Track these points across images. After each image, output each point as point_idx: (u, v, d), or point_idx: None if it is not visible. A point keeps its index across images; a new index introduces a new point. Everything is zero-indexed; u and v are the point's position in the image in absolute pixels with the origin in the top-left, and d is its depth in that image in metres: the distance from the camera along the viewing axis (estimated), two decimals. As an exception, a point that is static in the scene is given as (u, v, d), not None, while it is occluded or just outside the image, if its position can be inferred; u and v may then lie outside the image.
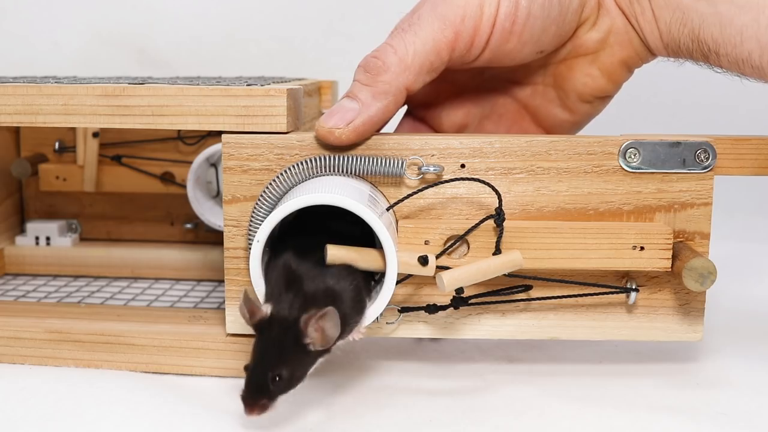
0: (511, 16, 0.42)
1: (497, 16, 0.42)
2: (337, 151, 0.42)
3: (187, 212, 0.61)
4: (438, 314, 0.43)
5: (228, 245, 0.43)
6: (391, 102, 0.41)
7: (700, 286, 0.40)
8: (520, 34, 0.43)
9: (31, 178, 0.62)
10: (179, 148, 0.62)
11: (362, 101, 0.40)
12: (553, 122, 0.49)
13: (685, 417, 0.41)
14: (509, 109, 0.50)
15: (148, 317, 0.49)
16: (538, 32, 0.43)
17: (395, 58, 0.41)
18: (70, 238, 0.62)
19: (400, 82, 0.41)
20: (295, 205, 0.38)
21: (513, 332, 0.44)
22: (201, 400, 0.42)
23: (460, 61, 0.43)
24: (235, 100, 0.42)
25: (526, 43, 0.43)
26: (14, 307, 0.51)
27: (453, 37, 0.42)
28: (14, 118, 0.44)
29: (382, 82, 0.41)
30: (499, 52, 0.43)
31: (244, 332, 0.44)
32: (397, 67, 0.41)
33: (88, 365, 0.45)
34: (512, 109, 0.50)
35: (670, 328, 0.44)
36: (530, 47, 0.44)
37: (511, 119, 0.50)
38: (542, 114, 0.49)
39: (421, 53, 0.41)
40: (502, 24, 0.42)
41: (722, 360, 0.48)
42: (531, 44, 0.44)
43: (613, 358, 0.46)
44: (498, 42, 0.43)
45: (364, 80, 0.41)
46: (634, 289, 0.43)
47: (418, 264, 0.39)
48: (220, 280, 0.58)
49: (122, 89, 0.43)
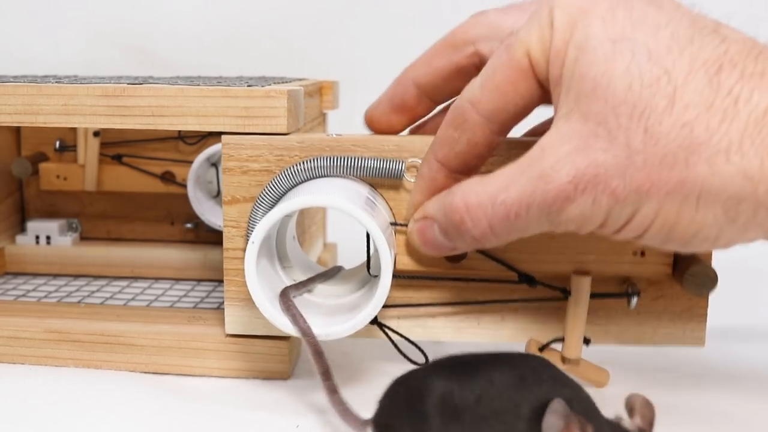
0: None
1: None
2: (336, 152, 0.42)
3: (188, 212, 0.61)
4: (438, 318, 0.43)
5: (227, 246, 0.43)
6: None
7: (702, 292, 0.40)
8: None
9: (31, 177, 0.62)
10: (180, 148, 0.62)
11: (458, 247, 0.39)
12: None
13: (685, 417, 0.41)
14: None
15: (148, 317, 0.48)
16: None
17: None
18: (70, 238, 0.62)
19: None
20: (290, 207, 0.38)
21: (513, 335, 0.44)
22: (200, 400, 0.42)
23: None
24: (236, 101, 0.42)
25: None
26: (14, 306, 0.51)
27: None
28: (14, 118, 0.44)
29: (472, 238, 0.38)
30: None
31: (243, 333, 0.44)
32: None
33: (87, 365, 0.45)
34: None
35: (672, 334, 0.44)
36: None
37: None
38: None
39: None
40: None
41: (722, 360, 0.48)
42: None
43: (612, 359, 0.46)
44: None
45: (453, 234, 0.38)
46: (635, 294, 0.43)
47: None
48: (220, 280, 0.58)
49: (122, 89, 0.43)
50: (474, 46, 0.43)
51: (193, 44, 0.90)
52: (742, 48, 0.32)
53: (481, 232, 0.36)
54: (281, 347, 0.44)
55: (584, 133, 0.33)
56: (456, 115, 0.37)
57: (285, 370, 0.45)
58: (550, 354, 0.43)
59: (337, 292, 0.44)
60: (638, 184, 0.32)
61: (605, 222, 0.33)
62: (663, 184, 0.31)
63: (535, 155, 0.34)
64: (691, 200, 0.31)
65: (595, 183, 0.32)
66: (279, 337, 0.44)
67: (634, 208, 0.32)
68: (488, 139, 0.37)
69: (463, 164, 0.38)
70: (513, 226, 0.35)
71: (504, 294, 0.43)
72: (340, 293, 0.44)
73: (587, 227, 0.34)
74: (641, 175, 0.32)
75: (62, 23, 0.90)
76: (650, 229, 0.33)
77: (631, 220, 0.33)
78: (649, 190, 0.32)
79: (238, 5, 0.91)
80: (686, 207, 0.32)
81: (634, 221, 0.33)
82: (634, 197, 0.32)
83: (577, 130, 0.33)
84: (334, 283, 0.44)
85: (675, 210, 0.32)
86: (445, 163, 0.39)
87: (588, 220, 0.34)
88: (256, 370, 0.45)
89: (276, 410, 0.41)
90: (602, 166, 0.32)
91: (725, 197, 0.31)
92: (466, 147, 0.38)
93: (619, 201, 0.32)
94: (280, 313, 0.39)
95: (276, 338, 0.44)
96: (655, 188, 0.32)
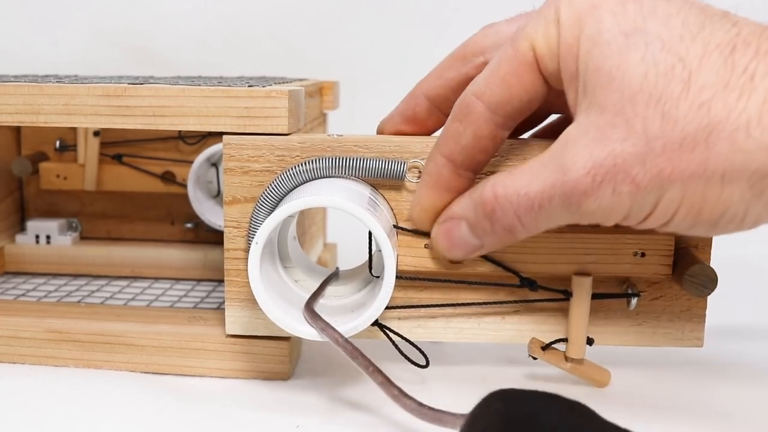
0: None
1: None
2: (338, 153, 0.42)
3: (188, 212, 0.61)
4: (438, 319, 0.43)
5: (228, 246, 0.43)
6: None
7: (702, 293, 0.40)
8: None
9: (31, 176, 0.62)
10: (180, 148, 0.62)
11: (486, 245, 0.39)
12: None
13: (686, 417, 0.41)
14: None
15: (148, 317, 0.48)
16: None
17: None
18: (70, 237, 0.62)
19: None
20: (294, 208, 0.38)
21: (513, 336, 0.44)
22: (200, 400, 0.42)
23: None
24: (237, 102, 0.42)
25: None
26: (14, 306, 0.51)
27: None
28: (15, 118, 0.44)
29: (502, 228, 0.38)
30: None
31: (243, 333, 0.44)
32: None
33: (87, 365, 0.45)
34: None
35: (671, 335, 0.44)
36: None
37: None
38: None
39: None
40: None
41: (722, 360, 0.48)
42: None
43: (612, 359, 0.46)
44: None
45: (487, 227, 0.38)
46: (635, 295, 0.43)
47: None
48: (220, 280, 0.58)
49: (123, 89, 0.43)
50: (483, 57, 0.43)
51: (193, 44, 0.90)
52: (755, 29, 0.32)
53: (510, 223, 0.36)
54: (282, 348, 0.44)
55: (601, 124, 0.33)
56: (461, 108, 0.38)
57: (285, 371, 0.45)
58: (554, 354, 0.43)
59: (339, 293, 0.44)
60: (659, 170, 0.32)
61: (629, 213, 0.33)
62: (685, 166, 0.31)
63: (557, 149, 0.34)
64: (715, 180, 0.31)
65: (614, 173, 0.32)
66: (279, 338, 0.44)
67: (657, 195, 0.32)
68: (493, 133, 0.37)
69: (468, 159, 0.38)
70: (539, 218, 0.35)
71: (505, 295, 0.43)
72: (342, 294, 0.44)
73: (611, 218, 0.34)
74: (662, 160, 0.31)
75: (62, 23, 0.90)
76: (677, 215, 0.33)
77: (655, 209, 0.33)
78: (671, 175, 0.31)
79: (238, 5, 0.91)
80: (711, 187, 0.31)
81: (659, 209, 0.33)
82: (656, 184, 0.32)
83: (594, 123, 0.33)
84: (336, 284, 0.44)
85: (700, 192, 0.32)
86: (451, 158, 0.39)
87: (610, 211, 0.33)
88: (257, 371, 0.45)
89: (276, 410, 0.41)
90: (620, 156, 0.32)
91: (749, 173, 0.31)
92: (471, 141, 0.38)
93: (641, 189, 0.32)
94: (283, 313, 0.39)
95: (276, 339, 0.44)
96: (678, 172, 0.31)
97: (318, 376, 0.46)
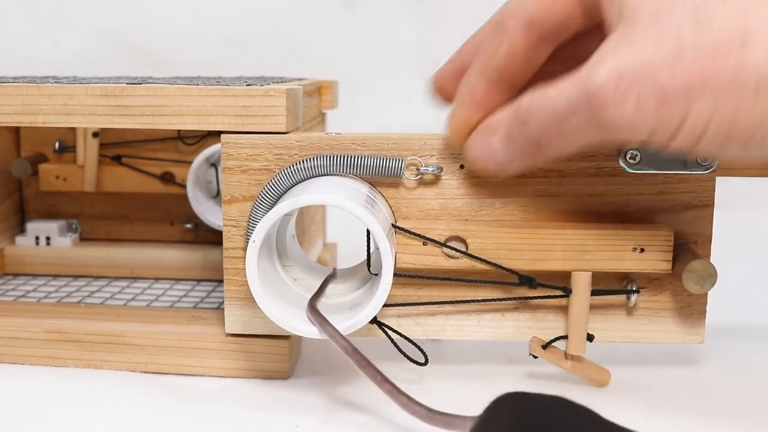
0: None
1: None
2: (336, 151, 0.42)
3: (187, 212, 0.61)
4: (437, 316, 0.43)
5: (227, 245, 0.43)
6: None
7: (701, 288, 0.40)
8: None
9: (31, 177, 0.62)
10: (179, 148, 0.62)
11: (513, 159, 0.38)
12: None
13: (686, 417, 0.41)
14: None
15: (148, 317, 0.48)
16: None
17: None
18: (70, 238, 0.62)
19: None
20: (291, 205, 0.38)
21: (512, 334, 0.44)
22: (200, 400, 0.42)
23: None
24: (235, 101, 0.42)
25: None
26: (14, 306, 0.51)
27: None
28: (14, 118, 0.44)
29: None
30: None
31: (243, 332, 0.44)
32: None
33: (87, 365, 0.45)
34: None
35: (672, 331, 0.44)
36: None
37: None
38: None
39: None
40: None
41: (722, 360, 0.48)
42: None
43: (612, 359, 0.46)
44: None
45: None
46: (635, 291, 0.43)
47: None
48: (219, 280, 0.58)
49: (121, 89, 0.43)
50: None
51: (192, 44, 0.90)
52: None
53: (539, 133, 0.36)
54: (281, 347, 0.44)
55: (631, 36, 0.32)
56: (497, 23, 0.38)
57: (285, 370, 0.45)
58: (554, 353, 0.43)
59: (337, 291, 0.44)
60: (689, 79, 0.30)
61: (656, 126, 0.32)
62: (718, 74, 0.30)
63: (590, 61, 0.33)
64: (749, 90, 0.30)
65: (640, 81, 0.31)
66: (279, 337, 0.44)
67: (685, 107, 0.31)
68: (527, 50, 0.38)
69: (502, 76, 0.38)
70: (565, 131, 0.34)
71: (504, 292, 0.43)
72: (340, 292, 0.44)
73: (637, 133, 0.32)
74: (692, 68, 0.30)
75: (62, 23, 0.90)
76: (708, 129, 0.31)
77: (684, 122, 0.31)
78: (701, 83, 0.30)
79: (237, 5, 0.91)
80: (744, 98, 0.30)
81: (688, 123, 0.31)
82: (685, 93, 0.30)
83: (626, 35, 0.32)
84: (335, 282, 0.44)
85: (733, 103, 0.30)
86: (485, 74, 0.38)
87: (635, 124, 0.32)
88: (256, 370, 0.45)
89: (276, 410, 0.41)
90: (648, 64, 0.31)
91: None
92: (505, 57, 0.38)
93: (668, 100, 0.31)
94: (281, 312, 0.39)
95: (276, 338, 0.44)
96: (710, 80, 0.30)
97: (318, 375, 0.46)
